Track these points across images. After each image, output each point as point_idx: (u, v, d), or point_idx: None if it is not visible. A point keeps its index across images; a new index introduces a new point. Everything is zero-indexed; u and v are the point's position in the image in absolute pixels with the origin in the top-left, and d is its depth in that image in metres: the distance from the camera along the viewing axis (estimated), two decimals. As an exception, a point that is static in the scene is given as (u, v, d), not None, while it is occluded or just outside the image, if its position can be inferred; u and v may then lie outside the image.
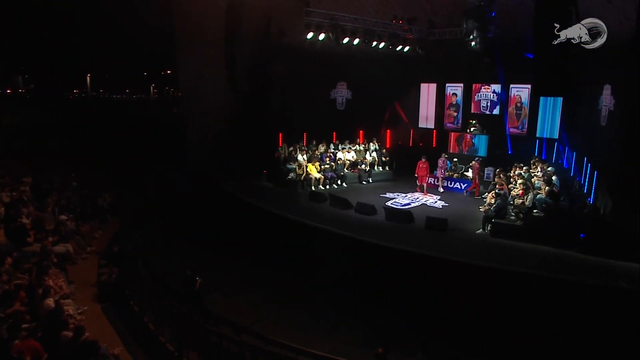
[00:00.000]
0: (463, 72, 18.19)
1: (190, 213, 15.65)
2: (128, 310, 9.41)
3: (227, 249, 12.84)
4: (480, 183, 15.27)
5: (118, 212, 15.87)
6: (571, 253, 9.88)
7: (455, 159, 16.82)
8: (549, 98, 16.36)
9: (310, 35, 14.37)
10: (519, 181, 11.67)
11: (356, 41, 15.09)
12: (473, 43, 12.87)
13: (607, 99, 12.65)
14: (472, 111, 18.41)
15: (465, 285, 9.17)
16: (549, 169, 12.24)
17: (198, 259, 11.78)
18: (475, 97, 18.33)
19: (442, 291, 9.34)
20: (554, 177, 11.39)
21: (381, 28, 14.81)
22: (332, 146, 17.93)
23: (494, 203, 11.50)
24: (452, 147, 18.04)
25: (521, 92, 17.18)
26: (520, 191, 11.43)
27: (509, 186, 12.71)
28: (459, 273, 9.33)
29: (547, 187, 10.62)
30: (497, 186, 12.80)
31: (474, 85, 18.29)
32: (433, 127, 19.96)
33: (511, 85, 17.31)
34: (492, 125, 17.69)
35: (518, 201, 11.12)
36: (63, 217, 12.46)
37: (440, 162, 15.55)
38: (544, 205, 10.45)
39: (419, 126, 20.34)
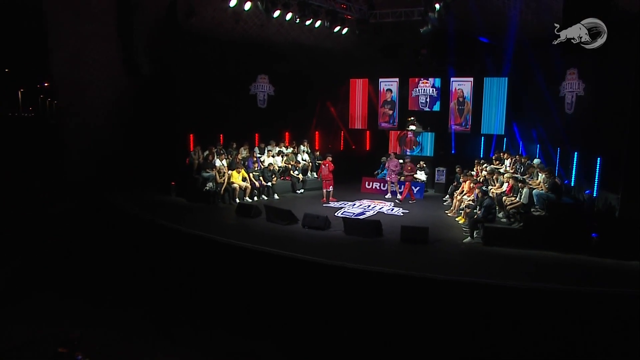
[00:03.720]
0: (398, 64, 16.44)
1: (66, 245, 11.14)
2: None
3: (123, 294, 8.89)
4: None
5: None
6: (585, 257, 8.07)
7: (400, 161, 14.76)
8: (492, 92, 15.24)
9: (233, 2, 11.23)
10: (505, 175, 9.72)
11: (289, 16, 12.31)
12: (431, 17, 10.84)
13: (572, 84, 11.52)
14: (410, 108, 16.71)
15: (488, 310, 6.75)
16: (535, 161, 10.50)
17: (77, 316, 7.74)
18: (413, 92, 16.66)
19: (458, 322, 6.81)
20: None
21: (318, 2, 12.22)
22: (256, 150, 14.89)
23: (476, 204, 9.41)
24: (394, 147, 16.07)
25: (463, 85, 15.82)
26: (507, 188, 9.44)
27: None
28: (478, 297, 6.88)
29: (547, 179, 8.72)
30: (466, 184, 10.90)
31: (410, 79, 16.62)
32: (366, 127, 17.98)
33: (452, 79, 15.89)
34: (433, 122, 16.11)
35: (508, 199, 9.09)
36: None
37: (392, 165, 13.42)
38: (546, 201, 8.53)
39: (350, 127, 18.24)
